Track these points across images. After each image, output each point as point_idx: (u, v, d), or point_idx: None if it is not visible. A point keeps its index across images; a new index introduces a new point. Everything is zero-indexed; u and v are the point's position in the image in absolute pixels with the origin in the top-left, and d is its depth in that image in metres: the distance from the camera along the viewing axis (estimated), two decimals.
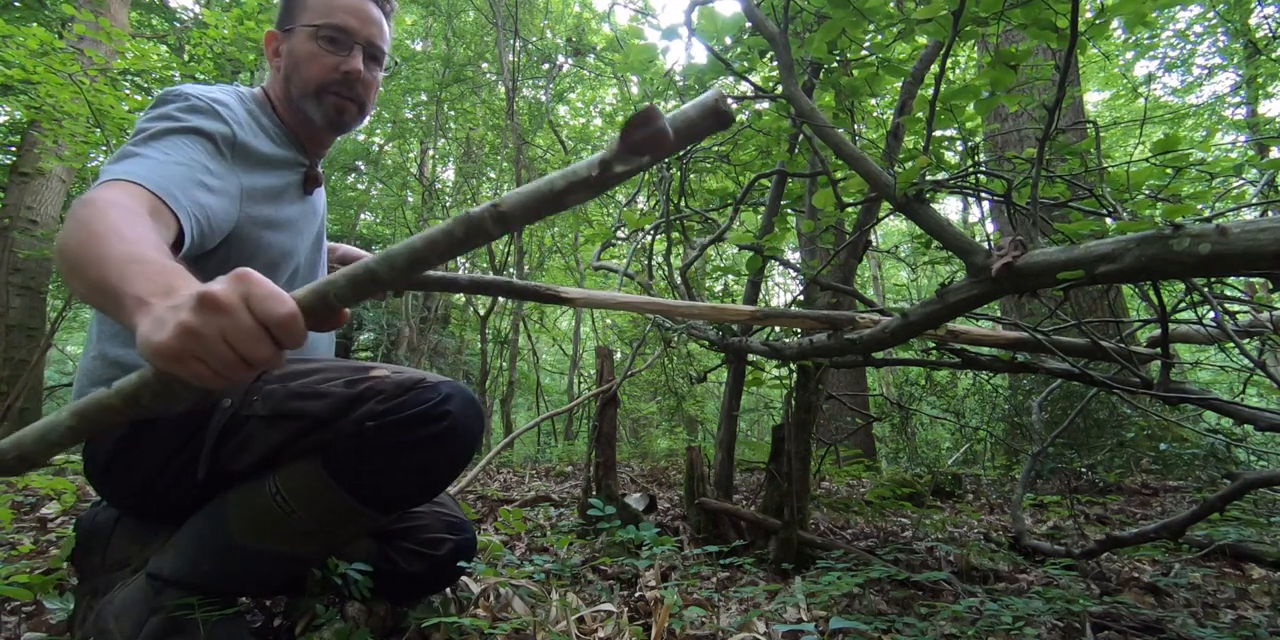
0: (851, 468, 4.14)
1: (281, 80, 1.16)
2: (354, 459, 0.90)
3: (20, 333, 5.14)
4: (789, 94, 1.55)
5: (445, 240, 0.60)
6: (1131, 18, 1.41)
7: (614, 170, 0.57)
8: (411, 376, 0.93)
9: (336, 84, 1.13)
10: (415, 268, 0.60)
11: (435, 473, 0.95)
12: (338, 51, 1.12)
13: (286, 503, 0.91)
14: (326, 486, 0.91)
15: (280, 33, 1.16)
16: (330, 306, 0.61)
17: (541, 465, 4.72)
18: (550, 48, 6.89)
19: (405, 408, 0.89)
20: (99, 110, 3.59)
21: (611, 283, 6.55)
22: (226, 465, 0.93)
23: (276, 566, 0.98)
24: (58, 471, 2.65)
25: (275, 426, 0.91)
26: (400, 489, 0.95)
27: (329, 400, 0.90)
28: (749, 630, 1.20)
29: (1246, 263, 0.83)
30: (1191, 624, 1.30)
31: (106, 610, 0.95)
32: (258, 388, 0.95)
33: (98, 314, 1.05)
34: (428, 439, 0.90)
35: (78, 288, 0.70)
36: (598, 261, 2.71)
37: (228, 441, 0.93)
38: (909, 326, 1.35)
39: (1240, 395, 1.78)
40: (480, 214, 0.59)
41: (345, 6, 1.13)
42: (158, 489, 0.98)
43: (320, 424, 0.90)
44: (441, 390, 0.92)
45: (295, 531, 0.93)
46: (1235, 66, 7.76)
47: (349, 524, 0.96)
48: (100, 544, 1.06)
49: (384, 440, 0.89)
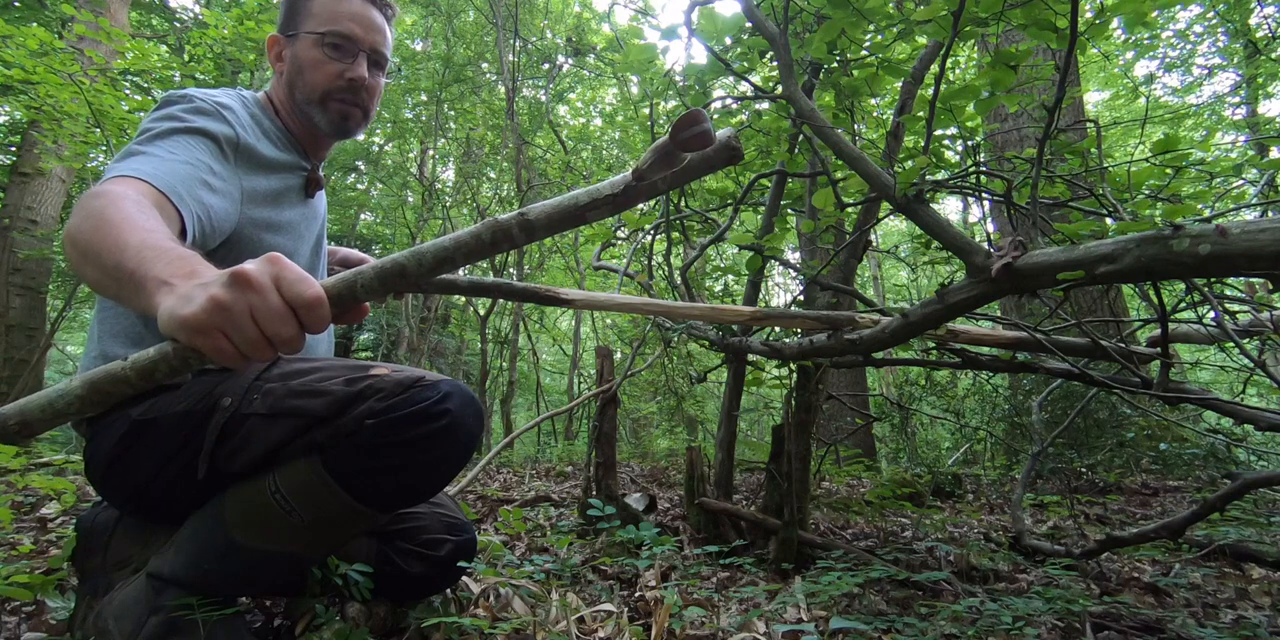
0: (851, 468, 4.14)
1: (285, 85, 1.16)
2: (353, 457, 0.90)
3: (20, 333, 5.14)
4: (789, 94, 1.55)
5: (473, 243, 0.64)
6: (1131, 18, 1.41)
7: (647, 180, 0.61)
8: (411, 374, 0.93)
9: (341, 91, 1.14)
10: (442, 266, 0.64)
11: (434, 471, 0.95)
12: (342, 58, 1.14)
13: (286, 501, 0.91)
14: (326, 484, 0.91)
15: (284, 37, 1.16)
16: (355, 297, 0.63)
17: (541, 465, 4.72)
18: (550, 48, 6.89)
19: (405, 405, 0.89)
20: (99, 110, 3.59)
21: (611, 283, 6.55)
22: (226, 464, 0.93)
23: (276, 566, 0.98)
24: (58, 471, 2.66)
25: (275, 424, 0.91)
26: (399, 487, 0.94)
27: (328, 398, 0.90)
28: (749, 630, 1.20)
29: (1246, 263, 0.84)
30: (1191, 624, 1.30)
31: (106, 610, 0.95)
32: (258, 386, 0.95)
33: (99, 313, 1.05)
34: (427, 437, 0.90)
35: (90, 274, 0.71)
36: (598, 261, 2.71)
37: (228, 440, 0.92)
38: (909, 327, 1.35)
39: (1240, 395, 1.78)
40: (508, 221, 0.64)
41: (349, 14, 1.14)
42: (158, 489, 0.97)
43: (319, 422, 0.90)
44: (441, 388, 0.92)
45: (294, 530, 0.93)
46: (1235, 67, 7.76)
47: (348, 522, 0.96)
48: (100, 544, 1.06)
49: (383, 438, 0.89)
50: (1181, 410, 3.50)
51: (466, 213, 9.10)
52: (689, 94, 2.12)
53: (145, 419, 0.95)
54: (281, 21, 1.17)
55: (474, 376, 7.48)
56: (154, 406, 0.95)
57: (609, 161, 7.26)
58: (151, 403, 0.96)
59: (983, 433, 4.43)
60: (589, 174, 6.43)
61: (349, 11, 1.14)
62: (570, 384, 8.24)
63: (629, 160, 7.42)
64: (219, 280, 0.59)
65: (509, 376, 6.76)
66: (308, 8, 1.14)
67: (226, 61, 4.76)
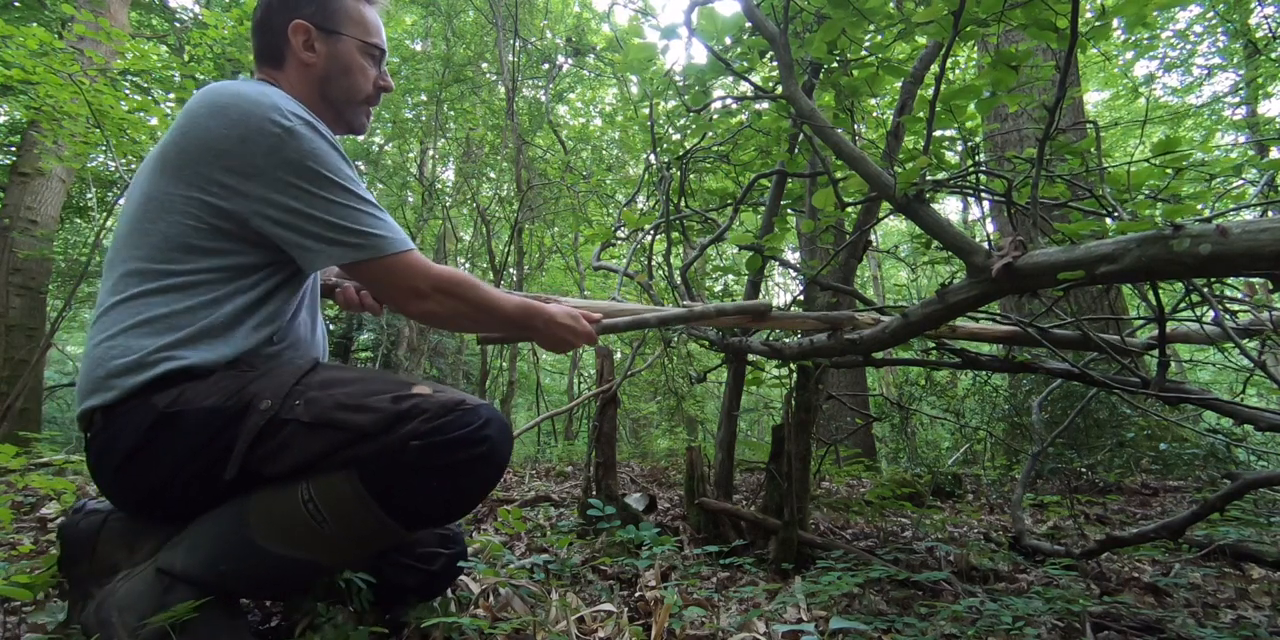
0: (851, 468, 4.14)
1: (317, 79, 1.16)
2: (393, 476, 0.92)
3: (20, 333, 5.13)
4: (789, 94, 1.55)
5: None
6: (1131, 18, 1.41)
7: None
8: (454, 397, 0.95)
9: (373, 97, 1.23)
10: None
11: (467, 494, 0.98)
12: (376, 67, 1.22)
13: (319, 511, 0.92)
14: (362, 500, 0.93)
15: (318, 31, 1.14)
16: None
17: (541, 465, 4.72)
18: (550, 48, 6.88)
19: (449, 429, 0.92)
20: (99, 110, 3.59)
21: (611, 282, 6.54)
22: (258, 468, 0.93)
23: (295, 572, 0.98)
24: (58, 471, 2.65)
25: (317, 435, 0.92)
26: (432, 508, 0.98)
27: (376, 415, 0.92)
28: (749, 630, 1.20)
29: (1247, 263, 0.84)
30: (1191, 624, 1.30)
31: (110, 601, 0.94)
32: (299, 391, 0.95)
33: (113, 309, 0.99)
34: (467, 462, 0.93)
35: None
36: (597, 261, 2.70)
37: (263, 444, 0.92)
38: (909, 327, 1.36)
39: (1240, 395, 1.78)
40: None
41: (378, 25, 1.21)
42: (176, 487, 0.96)
43: (364, 437, 0.91)
44: (482, 414, 0.95)
45: (322, 540, 0.94)
46: (1235, 67, 7.76)
47: (376, 538, 0.98)
48: (85, 552, 1.04)
49: (425, 460, 0.91)
50: (1181, 410, 3.50)
51: (466, 213, 9.10)
52: (689, 94, 2.12)
53: (172, 412, 0.92)
54: (310, 11, 1.14)
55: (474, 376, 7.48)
56: (180, 398, 0.93)
57: (609, 161, 7.25)
58: (179, 393, 0.93)
59: (983, 433, 4.42)
60: (589, 174, 6.42)
61: (375, 22, 1.21)
62: (570, 384, 8.24)
63: (629, 160, 7.42)
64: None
65: (509, 376, 6.76)
66: (342, 8, 1.16)
67: (226, 61, 4.76)
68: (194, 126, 0.98)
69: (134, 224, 1.00)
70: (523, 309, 1.14)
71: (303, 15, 1.14)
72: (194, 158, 0.97)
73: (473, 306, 1.09)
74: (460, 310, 1.09)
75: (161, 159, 1.01)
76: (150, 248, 0.98)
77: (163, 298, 0.97)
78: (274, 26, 1.14)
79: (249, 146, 0.96)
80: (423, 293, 1.05)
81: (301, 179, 0.97)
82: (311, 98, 1.16)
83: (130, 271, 0.98)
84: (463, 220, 10.05)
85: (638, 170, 7.18)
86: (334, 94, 1.17)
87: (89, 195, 6.56)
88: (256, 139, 0.96)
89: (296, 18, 1.13)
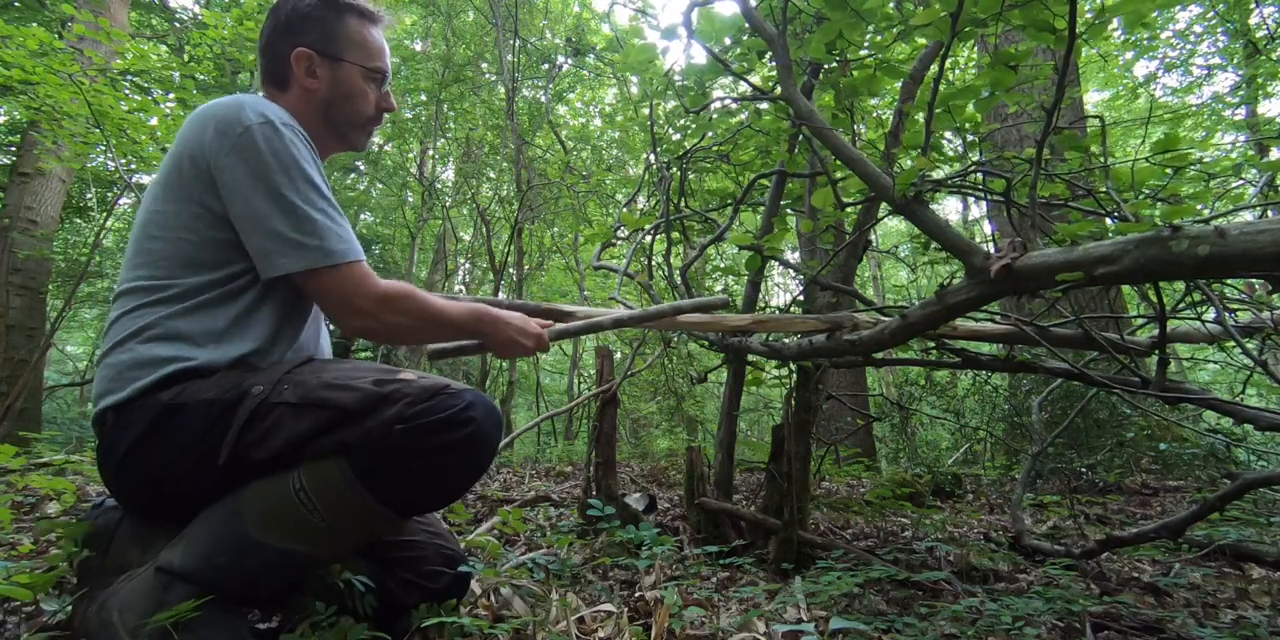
0: (851, 468, 4.14)
1: (319, 104, 1.19)
2: (379, 460, 0.93)
3: (20, 333, 5.13)
4: (788, 95, 1.55)
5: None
6: (1131, 18, 1.41)
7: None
8: (437, 382, 0.96)
9: (376, 118, 1.26)
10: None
11: (457, 478, 0.99)
12: (379, 90, 1.24)
13: (309, 500, 0.93)
14: (351, 486, 0.94)
15: (320, 57, 1.17)
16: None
17: (541, 465, 4.72)
18: (550, 48, 6.89)
19: (432, 412, 0.92)
20: (98, 110, 3.59)
21: (611, 282, 6.54)
22: (249, 452, 0.95)
23: (288, 565, 0.99)
24: (58, 471, 2.65)
25: (303, 414, 0.94)
26: (422, 492, 0.98)
27: (358, 394, 0.94)
28: (749, 630, 1.20)
29: (1245, 264, 0.84)
30: (1191, 624, 1.30)
31: (111, 601, 0.95)
32: (289, 377, 0.98)
33: (119, 321, 1.03)
34: (452, 445, 0.94)
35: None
36: (598, 261, 2.71)
37: (254, 427, 0.94)
38: (908, 328, 1.36)
39: (1240, 395, 1.78)
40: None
41: (381, 48, 1.24)
42: (174, 479, 0.98)
43: (347, 416, 0.93)
44: (465, 397, 0.96)
45: (313, 529, 0.95)
46: (1235, 67, 7.75)
47: (367, 525, 0.99)
48: (101, 546, 1.06)
49: (410, 444, 0.92)
50: (1181, 410, 3.50)
51: (466, 213, 9.10)
52: (688, 94, 2.12)
53: (176, 404, 0.96)
54: (313, 37, 1.16)
55: (474, 376, 7.48)
56: (184, 392, 0.97)
57: (608, 162, 7.26)
58: (182, 388, 0.97)
59: (983, 433, 4.43)
60: (589, 174, 6.42)
61: (378, 45, 1.23)
62: (570, 384, 8.24)
63: (629, 160, 7.42)
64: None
65: (509, 376, 6.75)
66: (345, 34, 1.19)
67: (226, 62, 4.76)
68: (180, 141, 1.05)
69: (137, 244, 1.06)
70: (469, 312, 1.14)
71: (305, 41, 1.16)
72: (181, 170, 1.03)
73: (418, 318, 1.08)
74: (403, 324, 1.07)
75: (158, 180, 1.07)
76: (152, 267, 1.03)
77: (166, 308, 1.01)
78: (278, 52, 1.18)
79: (219, 143, 1.01)
80: (365, 311, 1.04)
81: (253, 175, 1.00)
82: (314, 119, 1.20)
83: (134, 289, 1.03)
84: (462, 220, 10.05)
85: (638, 170, 7.18)
86: (337, 117, 1.21)
87: (89, 195, 6.56)
88: (225, 133, 1.01)
89: (300, 44, 1.16)
